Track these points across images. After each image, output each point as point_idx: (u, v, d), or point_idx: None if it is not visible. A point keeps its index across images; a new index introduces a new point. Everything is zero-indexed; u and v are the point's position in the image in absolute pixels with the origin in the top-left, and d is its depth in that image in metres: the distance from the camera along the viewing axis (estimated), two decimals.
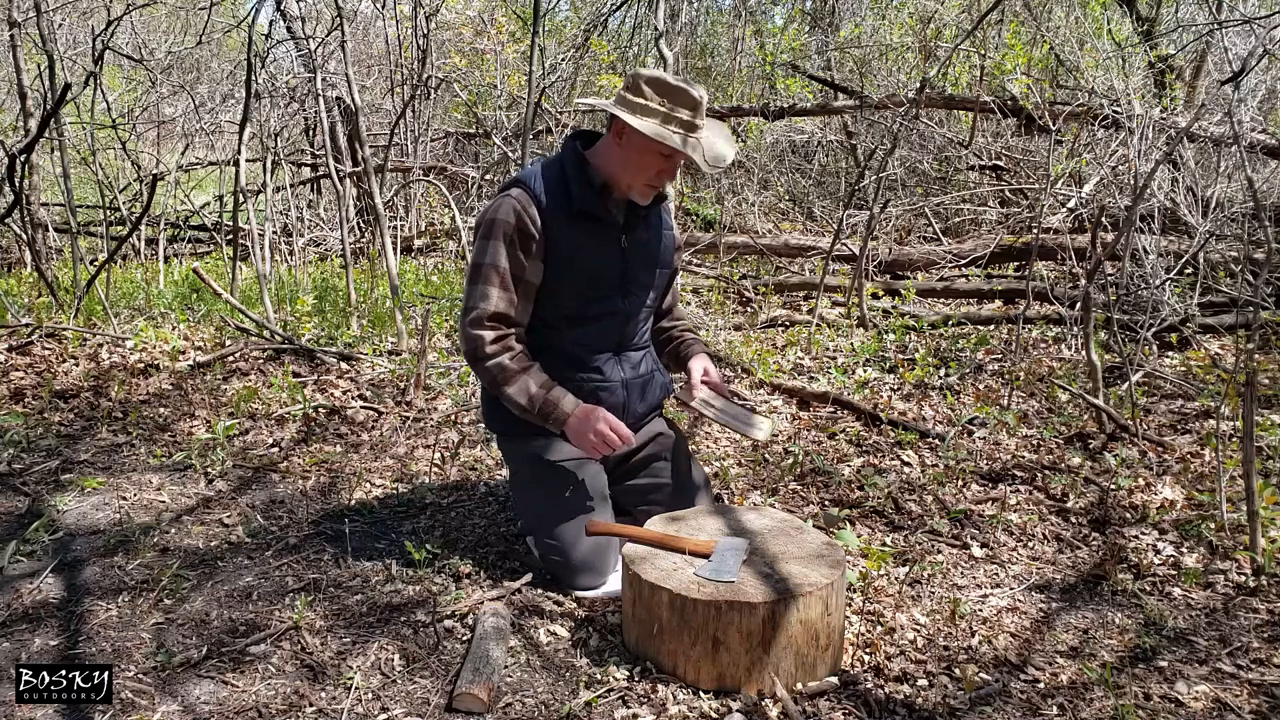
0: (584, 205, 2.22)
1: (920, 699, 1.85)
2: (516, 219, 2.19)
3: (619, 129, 2.18)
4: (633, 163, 2.20)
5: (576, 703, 1.83)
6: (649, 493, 2.47)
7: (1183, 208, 5.05)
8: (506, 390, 2.21)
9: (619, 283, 2.31)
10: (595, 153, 2.27)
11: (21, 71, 6.13)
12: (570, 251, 2.23)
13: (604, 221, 2.26)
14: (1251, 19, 3.41)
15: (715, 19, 11.34)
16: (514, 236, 2.19)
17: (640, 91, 2.15)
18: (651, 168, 2.20)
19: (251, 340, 4.32)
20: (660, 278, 2.43)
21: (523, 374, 2.21)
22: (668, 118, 2.14)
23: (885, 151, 5.81)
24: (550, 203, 2.21)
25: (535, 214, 2.20)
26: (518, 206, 2.20)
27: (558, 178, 2.24)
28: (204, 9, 7.07)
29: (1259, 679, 1.94)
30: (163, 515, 2.71)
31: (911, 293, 5.66)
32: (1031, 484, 2.98)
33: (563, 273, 2.24)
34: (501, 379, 2.21)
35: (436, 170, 8.23)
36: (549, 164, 2.29)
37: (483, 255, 2.22)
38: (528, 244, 2.20)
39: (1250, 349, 2.89)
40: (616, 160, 2.22)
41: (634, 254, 2.32)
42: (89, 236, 7.90)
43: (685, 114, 2.15)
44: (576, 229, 2.23)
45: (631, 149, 2.19)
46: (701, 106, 2.18)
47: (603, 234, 2.27)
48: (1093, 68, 6.83)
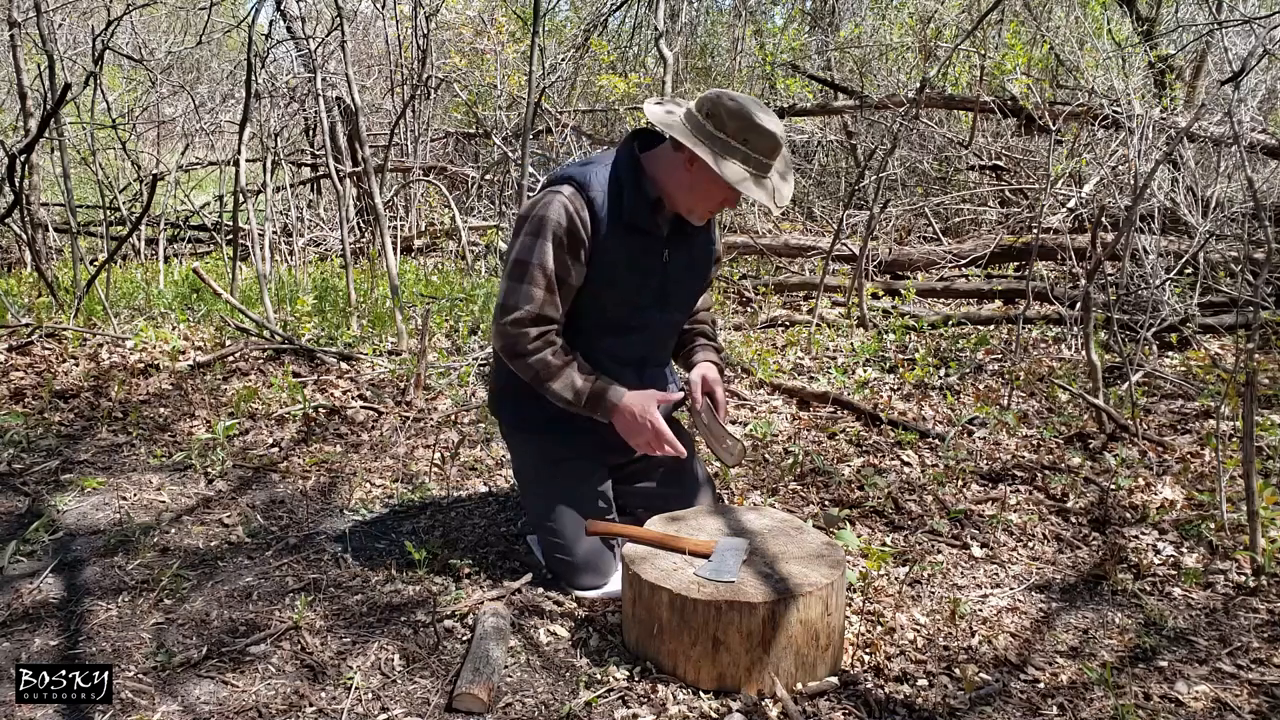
0: (635, 219, 2.15)
1: (920, 699, 1.85)
2: (568, 221, 2.10)
3: (691, 156, 2.07)
4: (700, 190, 2.13)
5: (576, 703, 1.83)
6: (653, 496, 2.47)
7: (1183, 208, 5.05)
8: (551, 385, 2.15)
9: (656, 297, 2.25)
10: (653, 162, 2.18)
11: (21, 71, 6.13)
12: (613, 260, 2.16)
13: (651, 235, 2.19)
14: (1251, 19, 3.41)
15: (715, 19, 11.34)
16: (564, 239, 2.11)
17: (722, 125, 2.05)
18: (717, 198, 2.14)
19: (251, 340, 4.32)
20: (696, 292, 2.39)
21: (566, 368, 2.15)
22: (746, 158, 2.05)
23: (885, 151, 5.81)
24: (600, 209, 2.13)
25: (587, 218, 2.12)
26: (570, 208, 2.11)
27: (612, 183, 2.15)
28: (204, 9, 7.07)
29: (1259, 679, 1.94)
30: (163, 515, 2.71)
31: (911, 293, 5.66)
32: (1031, 484, 2.98)
33: (601, 281, 2.18)
34: (545, 374, 2.15)
35: (436, 170, 8.24)
36: (603, 166, 2.19)
37: (529, 253, 2.12)
38: (576, 248, 2.12)
39: (1250, 349, 2.89)
40: (682, 183, 2.14)
41: (674, 269, 2.26)
42: (89, 236, 7.90)
43: (762, 157, 2.06)
44: (623, 239, 2.16)
45: (702, 178, 2.10)
46: (780, 149, 2.08)
47: (647, 247, 2.20)
48: (1093, 68, 6.83)
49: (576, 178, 2.15)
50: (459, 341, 4.66)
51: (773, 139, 2.05)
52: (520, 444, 2.41)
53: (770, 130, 2.04)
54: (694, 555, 2.02)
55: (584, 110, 9.02)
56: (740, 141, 2.04)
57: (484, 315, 5.10)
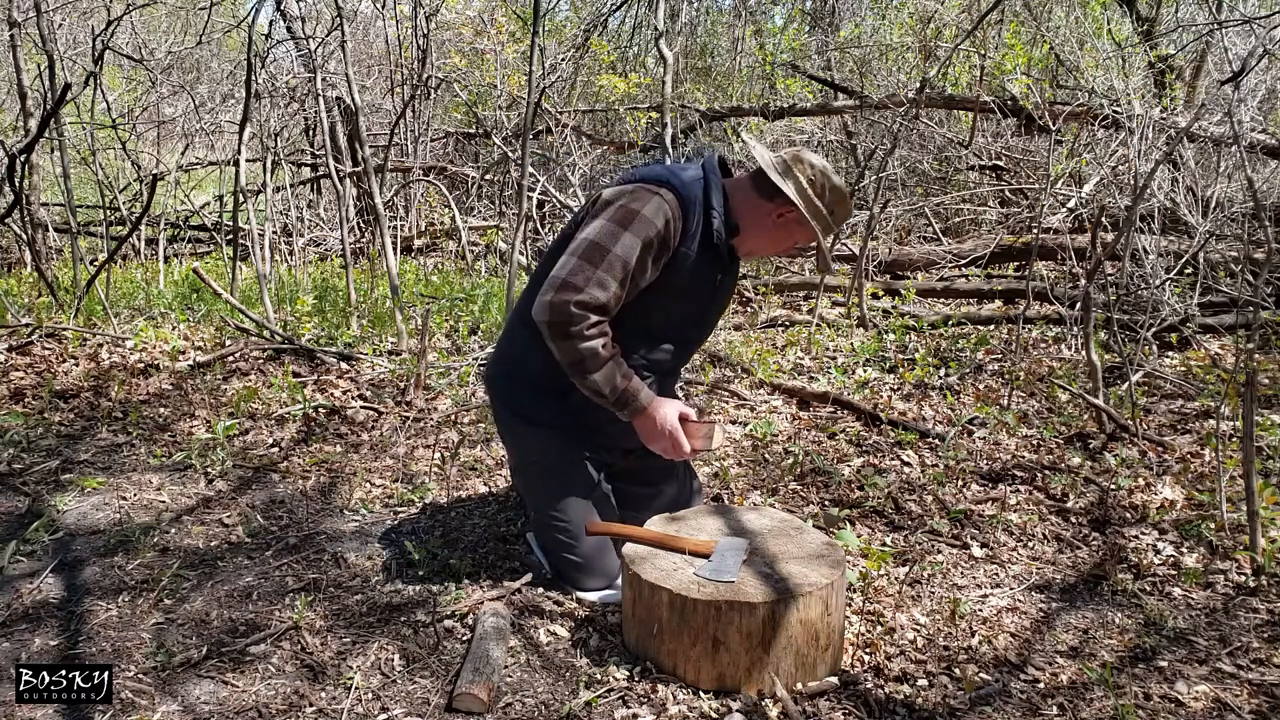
0: (720, 241, 2.21)
1: (920, 699, 1.85)
2: (665, 226, 2.11)
3: (784, 210, 2.20)
4: (776, 240, 2.28)
5: (576, 703, 1.83)
6: (642, 498, 2.45)
7: (1183, 208, 5.05)
8: (593, 375, 2.11)
9: (698, 316, 2.33)
10: (734, 193, 2.26)
11: (21, 71, 6.13)
12: (683, 274, 2.19)
13: (718, 258, 2.25)
14: (1251, 19, 3.41)
15: (715, 19, 11.34)
16: (654, 242, 2.10)
17: (824, 195, 2.20)
18: (783, 248, 2.34)
19: (251, 340, 4.32)
20: (717, 318, 2.48)
21: (611, 361, 2.13)
22: (828, 225, 2.23)
23: (885, 151, 5.81)
24: (689, 224, 2.16)
25: (679, 228, 2.14)
26: (670, 214, 2.12)
27: (702, 203, 2.19)
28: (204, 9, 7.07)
29: (1259, 679, 1.94)
30: (163, 515, 2.71)
31: (911, 293, 5.65)
32: (1031, 484, 2.98)
33: (662, 290, 2.19)
34: (592, 364, 2.10)
35: (436, 170, 8.23)
36: (694, 180, 2.21)
37: (615, 242, 2.08)
38: (661, 254, 2.14)
39: (1250, 349, 2.89)
40: (764, 228, 2.25)
41: (721, 294, 2.35)
42: (89, 236, 7.91)
43: (837, 224, 2.26)
44: (697, 256, 2.19)
45: (786, 230, 2.24)
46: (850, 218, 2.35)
47: (711, 269, 2.25)
48: (1093, 68, 6.83)
49: (676, 185, 2.16)
50: (459, 341, 4.66)
51: (849, 212, 2.29)
52: (522, 437, 2.35)
53: (851, 206, 2.30)
54: (694, 555, 2.02)
55: (584, 110, 9.01)
56: (829, 211, 2.23)
57: (484, 315, 5.10)
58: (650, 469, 2.47)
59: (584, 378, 2.13)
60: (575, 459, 2.31)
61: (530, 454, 2.36)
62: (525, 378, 2.30)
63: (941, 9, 8.93)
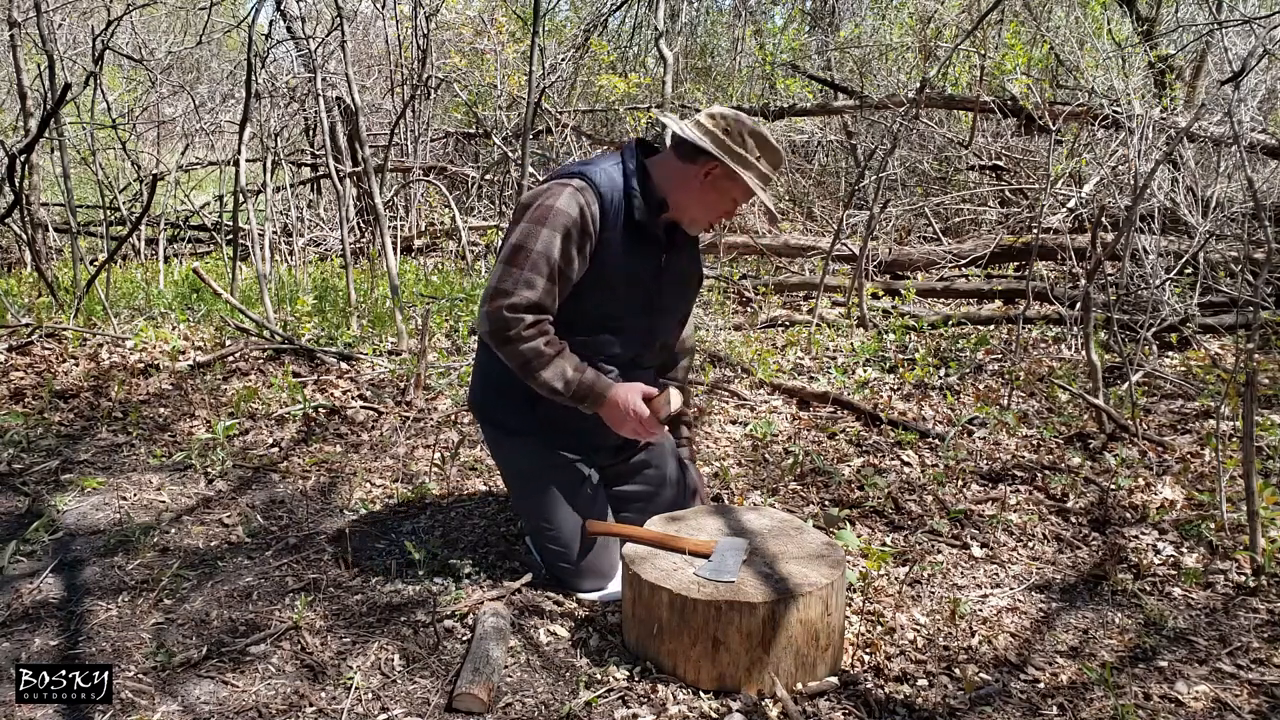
0: (644, 219, 2.19)
1: (920, 699, 1.85)
2: (580, 214, 2.11)
3: (709, 168, 2.16)
4: (710, 202, 2.22)
5: (576, 703, 1.83)
6: (637, 499, 2.45)
7: (1183, 208, 5.05)
8: (541, 374, 2.13)
9: (646, 301, 2.28)
10: (658, 169, 2.24)
11: (21, 71, 6.12)
12: (615, 260, 2.18)
13: (652, 239, 2.23)
14: (1251, 19, 3.41)
15: (715, 19, 11.34)
16: (572, 231, 2.11)
17: (743, 142, 2.17)
18: (723, 209, 2.25)
19: (251, 340, 4.32)
20: (682, 306, 2.44)
21: (558, 357, 2.14)
22: (761, 174, 2.19)
23: (885, 151, 5.81)
24: (608, 208, 2.16)
25: (597, 213, 2.14)
26: (582, 201, 2.12)
27: (621, 186, 2.19)
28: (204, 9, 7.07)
29: (1259, 679, 1.94)
30: (163, 515, 2.71)
31: (911, 293, 5.65)
32: (1031, 484, 2.98)
33: (601, 279, 2.19)
34: (537, 363, 2.12)
35: (436, 170, 8.23)
36: (611, 166, 2.23)
37: (533, 240, 2.10)
38: (584, 242, 2.13)
39: (1250, 349, 2.89)
40: (692, 192, 2.21)
41: (669, 275, 2.30)
42: (89, 236, 7.90)
43: (771, 170, 2.22)
44: (626, 239, 2.18)
45: (714, 190, 2.20)
46: (783, 162, 2.26)
47: (648, 250, 2.24)
48: (1093, 68, 6.83)
49: (587, 173, 2.17)
50: (459, 341, 4.66)
51: (778, 156, 2.22)
52: (508, 450, 2.37)
53: (776, 147, 2.22)
54: (694, 555, 2.02)
55: (584, 110, 9.01)
56: (756, 158, 2.18)
57: None
58: (646, 470, 2.46)
59: (534, 378, 2.15)
60: (556, 464, 2.30)
61: (512, 464, 2.38)
62: (495, 388, 2.33)
63: (941, 9, 8.93)
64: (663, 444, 2.50)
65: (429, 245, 8.21)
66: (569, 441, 2.30)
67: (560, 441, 2.30)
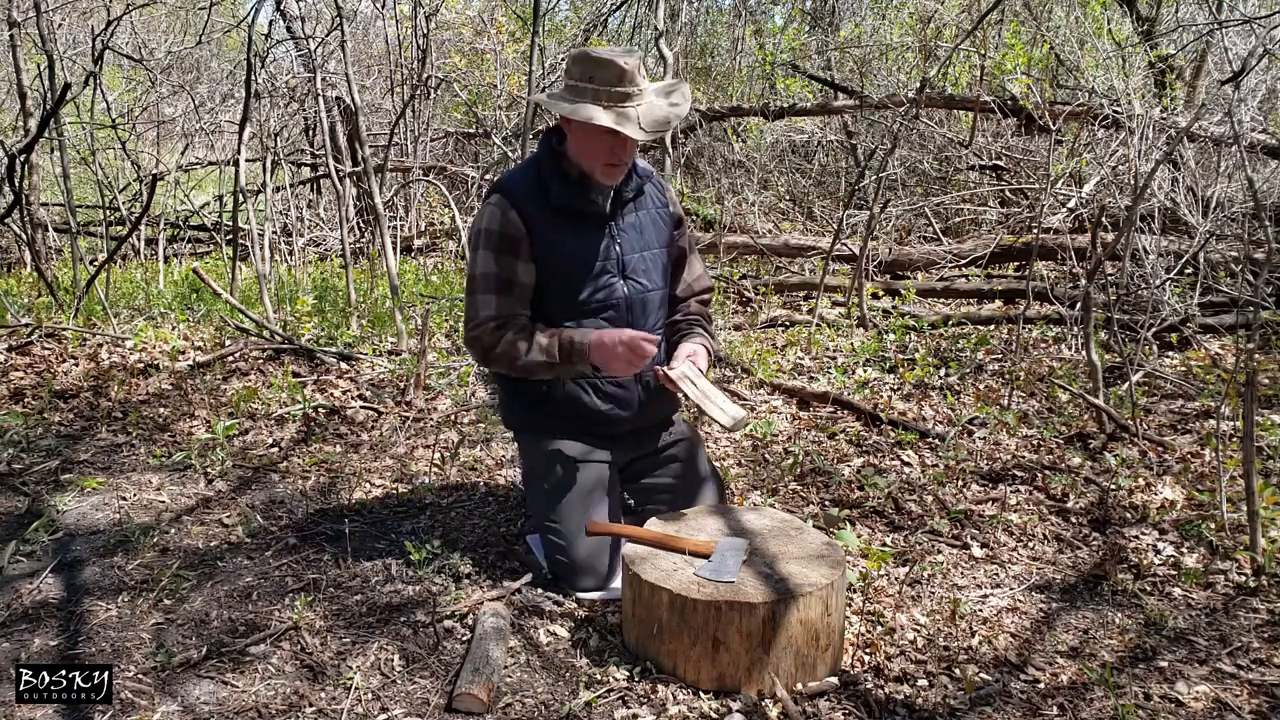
0: (562, 201, 2.22)
1: (920, 699, 1.85)
2: (500, 225, 2.21)
3: (567, 120, 2.16)
4: (585, 148, 2.18)
5: (576, 703, 1.83)
6: (665, 491, 2.47)
7: (1183, 208, 5.05)
8: (526, 359, 2.20)
9: (615, 269, 2.29)
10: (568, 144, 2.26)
11: (21, 71, 6.13)
12: (558, 247, 2.23)
13: (587, 212, 2.26)
14: (1251, 19, 3.41)
15: (715, 19, 11.34)
16: (499, 242, 2.21)
17: (571, 74, 2.15)
18: (602, 148, 2.16)
19: (251, 340, 4.32)
20: (659, 258, 2.38)
21: (531, 336, 2.21)
22: (597, 94, 2.10)
23: (885, 151, 5.81)
24: (529, 203, 2.22)
25: (515, 217, 2.21)
26: (498, 212, 2.22)
27: (534, 177, 2.25)
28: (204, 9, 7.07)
29: (1259, 679, 1.94)
30: (163, 515, 2.71)
31: (911, 293, 5.65)
32: (1031, 484, 2.98)
33: (555, 268, 2.25)
34: (515, 352, 2.20)
35: (436, 170, 8.23)
36: (527, 164, 2.30)
37: (476, 265, 2.25)
38: (515, 247, 2.21)
39: (1250, 349, 2.89)
40: (578, 149, 2.20)
41: (625, 238, 2.31)
42: (89, 236, 7.90)
43: (613, 87, 2.10)
44: (560, 225, 2.23)
45: (576, 134, 2.17)
46: (630, 74, 2.11)
47: (589, 224, 2.27)
48: (1093, 68, 6.83)
49: (500, 184, 2.27)
50: (459, 341, 4.65)
51: (613, 67, 2.09)
52: (530, 443, 2.42)
53: (607, 59, 2.09)
54: (694, 555, 2.02)
55: None
56: (586, 81, 2.11)
57: None
58: (673, 463, 2.47)
59: (523, 367, 2.22)
60: (581, 465, 2.32)
61: (529, 459, 2.43)
62: (511, 392, 2.41)
63: (941, 9, 8.93)
64: (689, 437, 2.52)
65: (429, 245, 8.21)
66: (592, 441, 2.33)
67: (584, 440, 2.33)
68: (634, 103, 2.12)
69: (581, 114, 2.08)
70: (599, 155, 2.18)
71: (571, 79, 2.14)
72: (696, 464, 2.50)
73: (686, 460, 2.49)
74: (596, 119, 2.07)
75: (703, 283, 2.54)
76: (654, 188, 2.39)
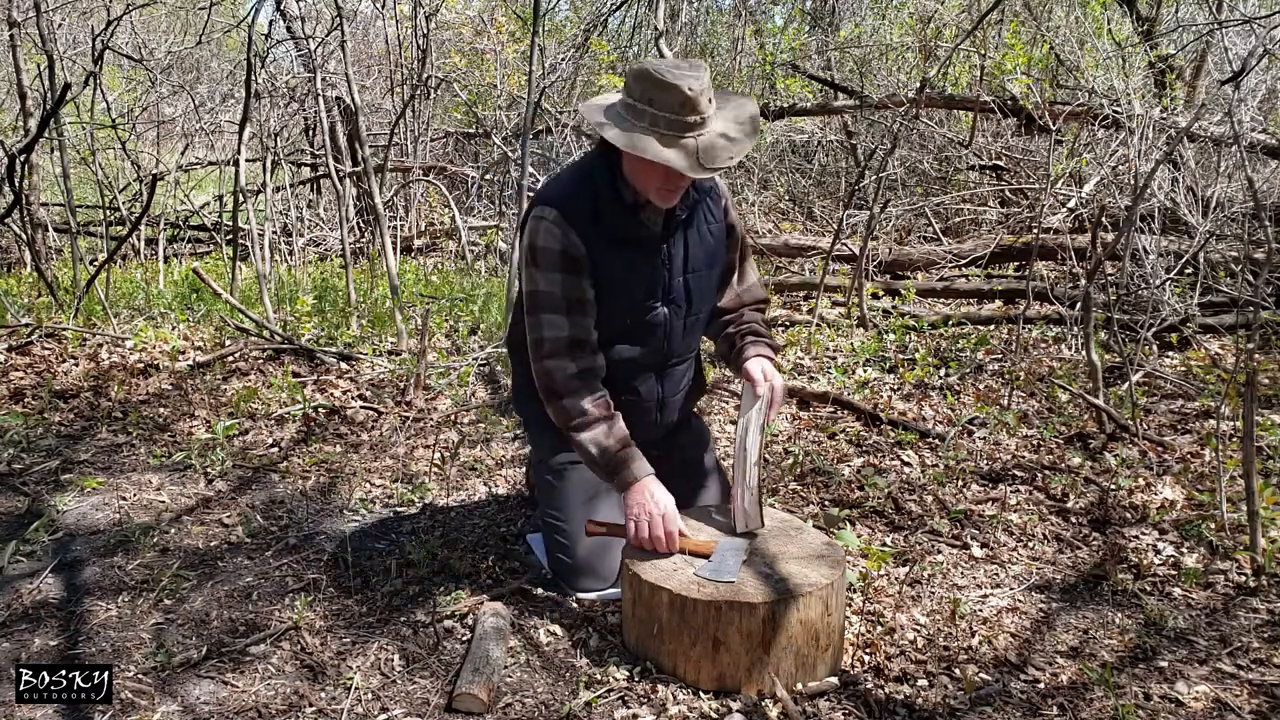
0: (614, 228, 2.07)
1: (920, 699, 1.85)
2: (561, 244, 2.05)
3: None
4: (639, 172, 2.01)
5: (576, 703, 1.83)
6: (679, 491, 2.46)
7: (1183, 208, 5.05)
8: (579, 436, 2.08)
9: (660, 295, 2.17)
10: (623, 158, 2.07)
11: (21, 71, 6.12)
12: (609, 271, 2.10)
13: (640, 237, 2.11)
14: (1251, 19, 3.41)
15: (715, 19, 11.33)
16: (561, 261, 2.05)
17: (631, 91, 1.93)
18: (655, 177, 1.98)
19: (251, 340, 4.32)
20: (707, 280, 2.25)
21: (601, 422, 2.08)
22: (655, 120, 1.90)
23: (885, 151, 5.81)
24: (583, 225, 2.06)
25: (574, 238, 2.05)
26: (557, 231, 2.05)
27: (589, 196, 2.07)
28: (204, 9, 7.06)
29: (1259, 679, 1.94)
30: (163, 515, 2.71)
31: (911, 293, 5.65)
32: (1031, 484, 2.98)
33: (603, 291, 2.11)
34: (580, 424, 2.08)
35: (436, 170, 8.23)
36: (580, 177, 2.11)
37: (537, 283, 2.08)
38: (578, 267, 2.06)
39: (1250, 349, 2.88)
40: (627, 167, 2.04)
41: (675, 263, 2.16)
42: (89, 236, 7.90)
43: (673, 114, 1.89)
44: (613, 248, 2.09)
45: (631, 158, 2.00)
46: (693, 102, 1.88)
47: (640, 249, 2.11)
48: (1093, 68, 6.83)
49: (553, 200, 2.08)
50: (459, 341, 4.65)
51: (676, 93, 1.86)
52: (539, 437, 2.39)
53: (672, 83, 1.86)
54: (694, 556, 2.02)
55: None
56: (646, 103, 1.89)
57: (484, 315, 5.10)
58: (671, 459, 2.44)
59: (571, 437, 2.11)
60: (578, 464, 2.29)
61: (541, 453, 2.40)
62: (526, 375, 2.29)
63: (941, 9, 8.93)
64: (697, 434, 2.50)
65: (429, 245, 8.21)
66: None
67: None
68: (695, 133, 1.91)
69: (635, 146, 1.89)
70: (653, 182, 2.00)
71: (630, 97, 1.93)
72: (702, 462, 2.49)
73: (693, 458, 2.47)
74: (650, 154, 1.88)
75: (754, 293, 2.37)
76: (710, 201, 2.22)
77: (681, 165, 1.88)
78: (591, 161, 2.11)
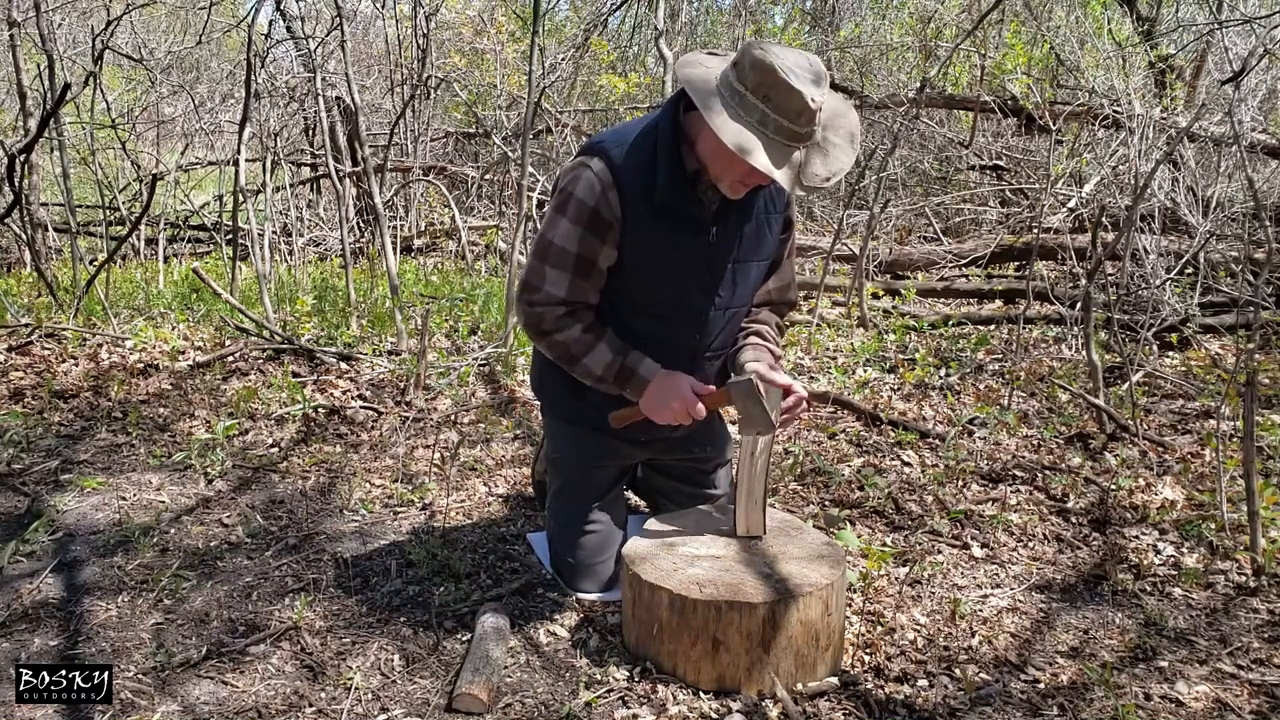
0: (667, 200, 1.91)
1: (920, 699, 1.85)
2: (595, 200, 1.90)
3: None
4: (719, 158, 1.83)
5: (576, 703, 1.83)
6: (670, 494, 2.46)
7: (1183, 208, 5.05)
8: (582, 361, 2.00)
9: (702, 280, 2.02)
10: (693, 125, 1.90)
11: (21, 71, 6.12)
12: (648, 245, 1.95)
13: (691, 214, 1.95)
14: (1251, 19, 3.41)
15: (715, 19, 11.34)
16: (589, 219, 1.91)
17: (744, 77, 1.73)
18: (738, 169, 1.81)
19: (251, 340, 4.32)
20: (753, 271, 2.10)
21: (598, 341, 2.00)
22: (764, 119, 1.72)
23: (885, 151, 5.81)
24: (631, 188, 1.90)
25: (615, 199, 1.90)
26: (597, 187, 1.90)
27: (648, 158, 1.90)
28: (204, 9, 7.06)
29: (1259, 679, 1.94)
30: (162, 515, 2.71)
31: (911, 293, 5.65)
32: (1031, 484, 2.98)
33: (638, 266, 1.98)
34: (576, 350, 1.99)
35: (436, 170, 8.23)
36: (643, 134, 1.93)
37: (552, 232, 1.95)
38: (603, 230, 1.92)
39: (1250, 349, 2.88)
40: (707, 148, 1.85)
41: (722, 248, 2.00)
42: (89, 236, 7.90)
43: (787, 121, 1.72)
44: (659, 219, 1.93)
45: (714, 142, 1.80)
46: (812, 114, 1.73)
47: (688, 226, 1.96)
48: (1093, 68, 6.84)
49: (608, 149, 1.93)
50: (459, 341, 4.65)
51: (798, 100, 1.69)
52: (552, 431, 2.35)
53: (796, 89, 1.69)
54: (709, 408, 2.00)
55: (584, 110, 9.01)
56: (760, 98, 1.72)
57: (484, 315, 5.10)
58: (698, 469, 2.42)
59: (573, 367, 2.05)
60: (595, 462, 2.29)
61: (555, 448, 2.35)
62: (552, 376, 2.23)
63: (941, 9, 8.93)
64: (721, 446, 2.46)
65: (429, 245, 8.21)
66: (619, 445, 2.27)
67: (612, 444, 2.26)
68: (802, 144, 1.76)
69: (742, 146, 1.70)
70: (731, 173, 1.84)
71: (742, 84, 1.73)
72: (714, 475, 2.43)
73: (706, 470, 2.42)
74: (757, 162, 1.70)
75: (786, 294, 2.24)
76: (773, 189, 2.03)
77: (784, 180, 1.75)
78: (659, 120, 1.93)
